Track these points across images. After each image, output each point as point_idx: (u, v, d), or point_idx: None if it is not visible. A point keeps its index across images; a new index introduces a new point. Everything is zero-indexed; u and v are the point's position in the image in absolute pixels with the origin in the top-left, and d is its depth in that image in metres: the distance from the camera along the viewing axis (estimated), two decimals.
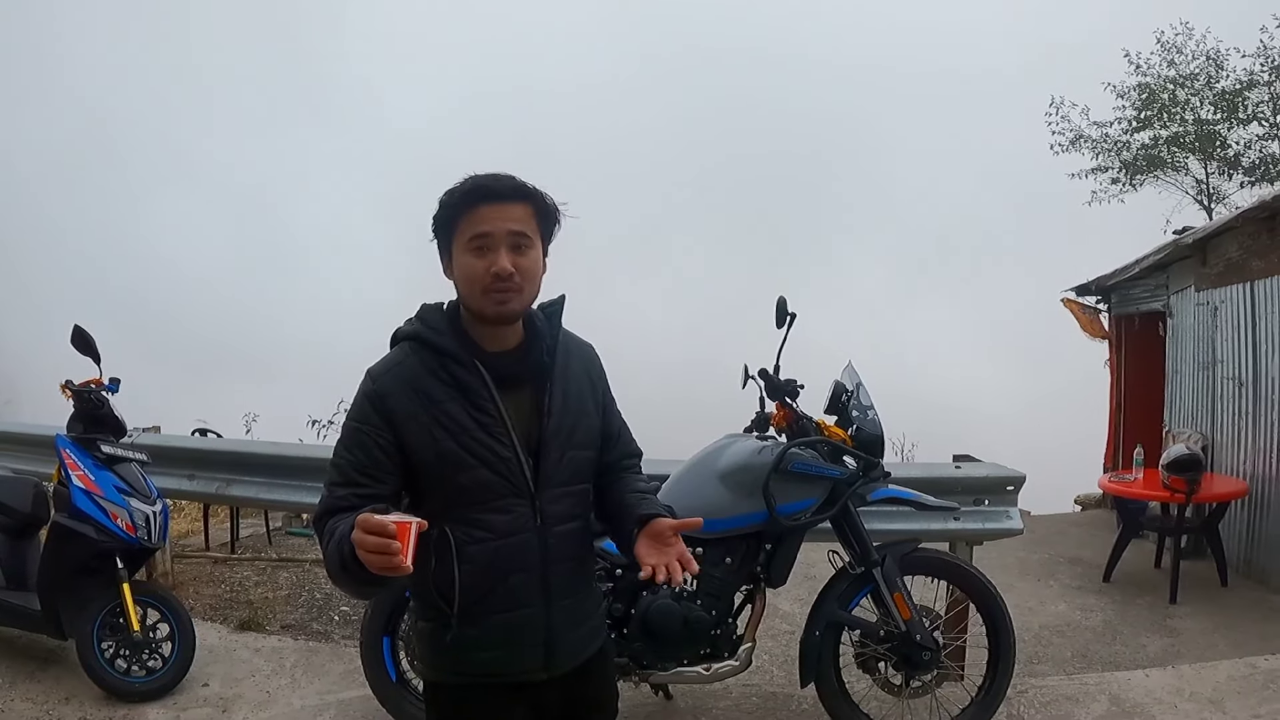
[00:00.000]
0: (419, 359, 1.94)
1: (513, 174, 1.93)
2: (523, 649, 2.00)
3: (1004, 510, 4.75)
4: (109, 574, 4.31)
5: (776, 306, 3.73)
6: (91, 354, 4.47)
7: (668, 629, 3.63)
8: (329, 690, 4.52)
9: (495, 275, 1.87)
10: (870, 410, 3.93)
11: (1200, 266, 8.07)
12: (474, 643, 1.96)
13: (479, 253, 1.88)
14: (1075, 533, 9.06)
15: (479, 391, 1.92)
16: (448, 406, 1.89)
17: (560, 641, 2.04)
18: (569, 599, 2.05)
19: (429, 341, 1.94)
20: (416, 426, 1.89)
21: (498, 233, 1.88)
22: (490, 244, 1.88)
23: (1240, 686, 4.53)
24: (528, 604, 1.97)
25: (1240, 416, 7.35)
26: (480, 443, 1.90)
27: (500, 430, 1.92)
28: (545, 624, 2.01)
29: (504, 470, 1.92)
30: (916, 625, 3.81)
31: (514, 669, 2.01)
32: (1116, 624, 6.09)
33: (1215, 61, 14.68)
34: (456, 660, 2.00)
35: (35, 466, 5.71)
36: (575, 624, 2.07)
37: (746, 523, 3.71)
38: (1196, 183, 15.31)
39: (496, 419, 1.92)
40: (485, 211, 1.88)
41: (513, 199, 1.91)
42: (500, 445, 1.92)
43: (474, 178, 1.91)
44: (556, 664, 2.04)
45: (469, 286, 1.91)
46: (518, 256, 1.90)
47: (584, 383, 2.10)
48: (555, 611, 2.02)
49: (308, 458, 5.59)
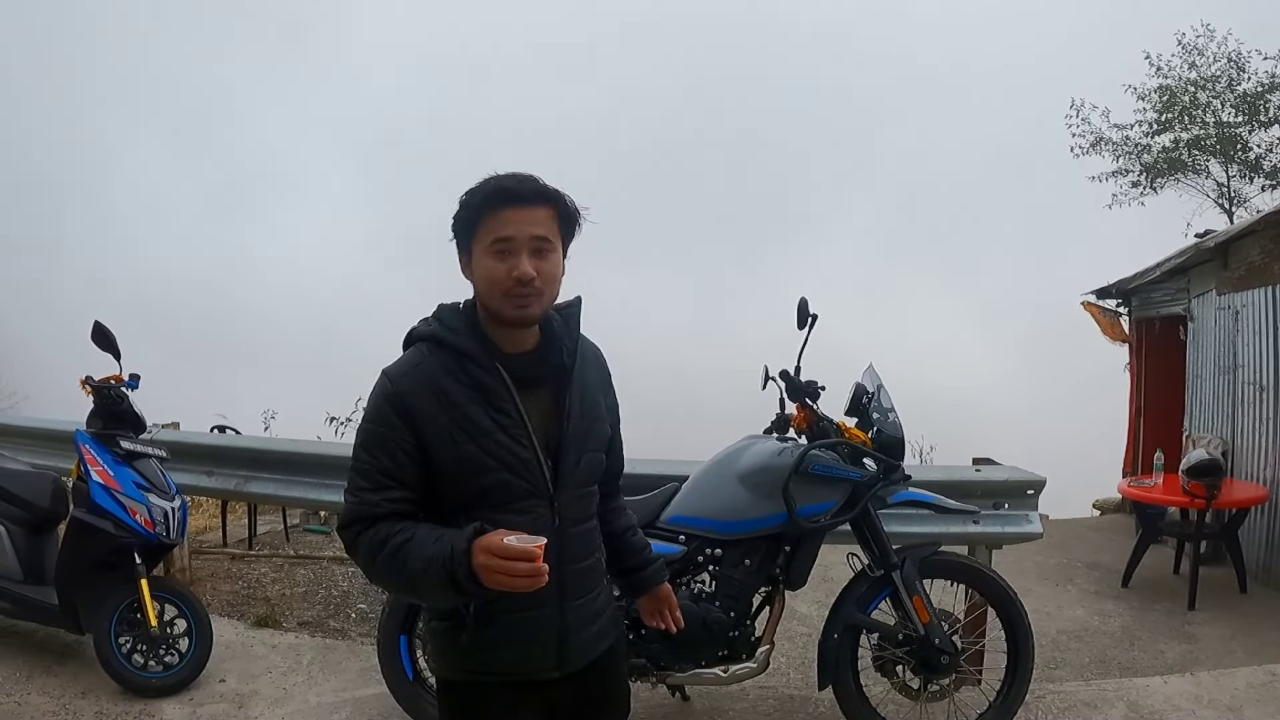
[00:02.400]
0: (437, 360, 1.92)
1: (535, 175, 1.92)
2: (537, 648, 2.00)
3: (1024, 514, 4.71)
4: (127, 569, 4.31)
5: (798, 308, 3.71)
6: (112, 350, 4.49)
7: (686, 630, 3.61)
8: (345, 688, 4.52)
9: (517, 280, 1.86)
10: (891, 413, 3.91)
11: (1221, 270, 8.01)
12: (489, 642, 1.96)
13: (501, 256, 1.87)
14: (1094, 537, 9.02)
15: (499, 393, 1.91)
16: (468, 409, 1.88)
17: (574, 640, 2.03)
18: (583, 598, 2.05)
19: (448, 343, 1.93)
20: (437, 429, 1.87)
21: (520, 237, 1.87)
22: (512, 248, 1.86)
23: (1259, 694, 4.49)
24: (543, 604, 1.95)
25: (1261, 422, 7.29)
26: (501, 445, 1.89)
27: (520, 432, 1.91)
28: (560, 623, 2.00)
29: (524, 472, 1.91)
30: (935, 629, 3.79)
31: (527, 668, 2.01)
32: (1135, 630, 6.06)
33: (1237, 64, 14.56)
34: (470, 659, 2.00)
35: (55, 461, 5.74)
36: (588, 622, 2.07)
37: (766, 524, 3.70)
38: (1217, 186, 15.19)
39: (517, 421, 1.91)
40: (508, 214, 1.87)
41: (535, 202, 1.89)
42: (521, 447, 1.91)
43: (496, 178, 1.89)
44: (569, 662, 2.04)
45: (490, 289, 1.90)
46: (539, 261, 1.89)
47: (597, 388, 2.11)
48: (570, 611, 2.02)
49: (326, 455, 5.60)
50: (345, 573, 6.35)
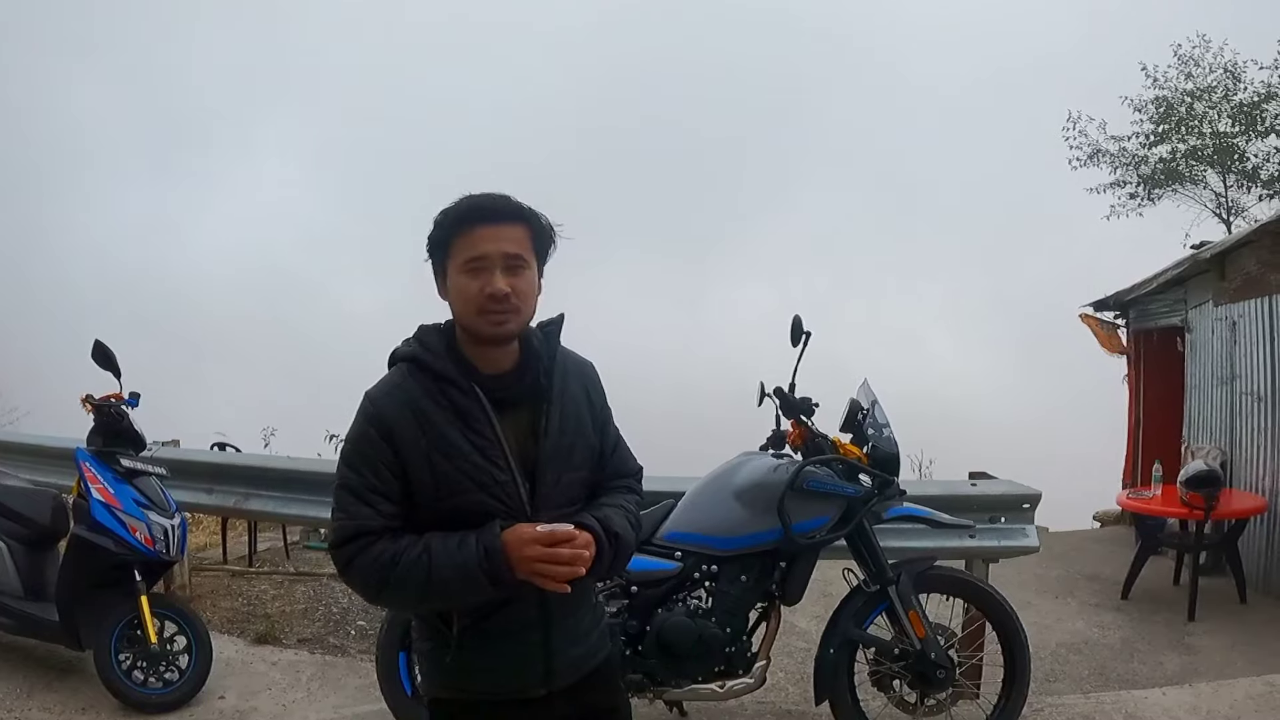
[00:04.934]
0: (417, 382, 1.93)
1: (508, 194, 1.94)
2: (523, 669, 2.00)
3: (1020, 528, 4.73)
4: (127, 586, 4.33)
5: (792, 326, 3.74)
6: (112, 368, 4.51)
7: (682, 646, 3.63)
8: (345, 704, 4.53)
9: (490, 296, 1.87)
10: (886, 428, 3.93)
11: (1219, 281, 8.03)
12: (474, 663, 1.98)
13: (474, 274, 1.88)
14: (1094, 549, 9.01)
15: (476, 416, 1.91)
16: (445, 430, 1.89)
17: (559, 660, 2.03)
18: (568, 619, 2.04)
19: (426, 365, 1.94)
20: (415, 449, 1.89)
21: (493, 254, 1.88)
22: (485, 265, 1.88)
23: (1258, 705, 4.48)
24: (526, 626, 1.98)
25: (1259, 432, 7.30)
26: (477, 467, 1.90)
27: (497, 454, 1.92)
28: (544, 644, 2.01)
29: (500, 494, 1.91)
30: (931, 643, 3.80)
31: (512, 687, 2.02)
32: (1134, 641, 6.06)
33: (1233, 74, 14.63)
34: (456, 678, 2.02)
35: (55, 479, 5.75)
36: (574, 642, 2.07)
37: (762, 540, 3.71)
38: (1215, 196, 15.25)
39: (493, 443, 1.92)
40: (481, 233, 1.89)
41: (509, 220, 1.92)
42: (497, 469, 1.91)
43: (469, 198, 1.92)
44: (555, 681, 2.04)
45: (464, 307, 1.91)
46: (513, 278, 1.90)
47: (582, 403, 2.08)
48: (555, 632, 2.02)
49: (325, 472, 5.60)
50: (345, 589, 6.33)
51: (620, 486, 2.17)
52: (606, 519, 1.99)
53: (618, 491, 2.15)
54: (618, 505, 2.08)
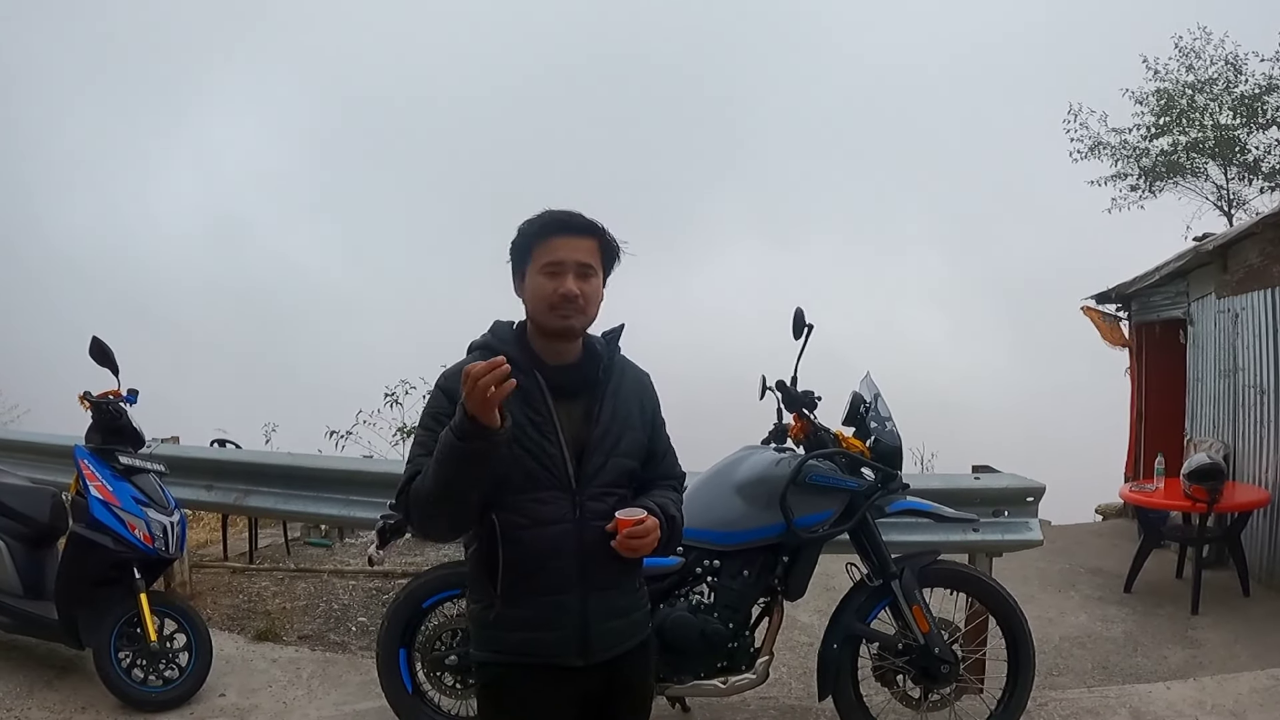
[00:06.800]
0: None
1: (582, 211, 2.23)
2: (558, 632, 2.18)
3: (1024, 521, 4.72)
4: (127, 584, 4.32)
5: (794, 318, 3.73)
6: (110, 365, 4.49)
7: (685, 641, 3.61)
8: (345, 701, 4.52)
9: (563, 296, 2.16)
10: (888, 422, 3.91)
11: (1221, 273, 8.00)
12: (513, 623, 2.18)
13: (551, 276, 2.17)
14: (1096, 543, 9.00)
15: (535, 395, 2.17)
16: (506, 404, 2.02)
17: (595, 631, 2.21)
18: (608, 590, 2.23)
19: (495, 350, 2.13)
20: None
21: (568, 261, 2.18)
22: (561, 270, 2.17)
23: (1262, 698, 4.48)
24: (565, 590, 2.17)
25: (1262, 425, 7.27)
26: (529, 437, 2.14)
27: (549, 429, 2.17)
28: (580, 611, 2.19)
29: (549, 464, 2.16)
30: (935, 638, 3.79)
31: (548, 652, 2.18)
32: (1137, 635, 6.05)
33: (1234, 66, 14.59)
34: (498, 640, 2.20)
35: (54, 476, 5.73)
36: (612, 615, 2.25)
37: (764, 535, 3.70)
38: (1216, 188, 15.22)
39: (547, 419, 2.17)
40: (559, 242, 2.18)
41: (583, 233, 2.21)
42: (548, 442, 2.16)
43: (551, 212, 2.22)
44: (592, 653, 2.21)
45: (537, 304, 2.20)
46: (583, 283, 2.19)
47: (633, 403, 2.33)
48: (592, 600, 2.20)
49: (326, 469, 5.61)
50: (346, 586, 6.35)
51: (668, 485, 2.44)
52: (664, 505, 2.27)
53: (667, 489, 2.42)
54: (669, 499, 2.35)
